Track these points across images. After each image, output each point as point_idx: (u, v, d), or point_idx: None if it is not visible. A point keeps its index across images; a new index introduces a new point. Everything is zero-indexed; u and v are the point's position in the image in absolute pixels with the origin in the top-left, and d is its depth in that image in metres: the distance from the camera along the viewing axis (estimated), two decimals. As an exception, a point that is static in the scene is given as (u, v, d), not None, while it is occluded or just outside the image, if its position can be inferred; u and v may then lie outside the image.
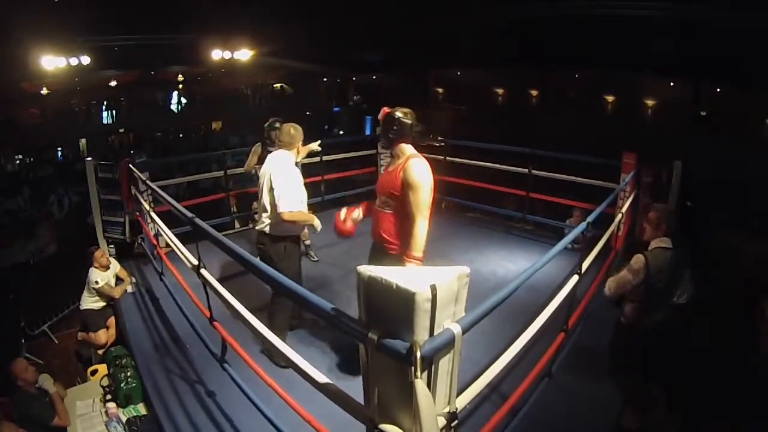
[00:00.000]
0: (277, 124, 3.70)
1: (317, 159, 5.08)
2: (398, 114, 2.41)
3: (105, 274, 4.07)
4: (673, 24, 7.97)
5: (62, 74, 10.48)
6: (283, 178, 2.88)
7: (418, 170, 2.29)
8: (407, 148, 2.42)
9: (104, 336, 4.07)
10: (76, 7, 9.03)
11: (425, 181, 2.29)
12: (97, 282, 3.99)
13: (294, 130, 3.03)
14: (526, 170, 5.07)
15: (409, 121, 2.40)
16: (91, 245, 4.29)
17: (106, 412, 3.04)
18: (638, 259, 2.50)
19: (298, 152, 3.09)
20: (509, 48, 10.59)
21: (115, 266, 4.22)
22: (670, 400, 2.62)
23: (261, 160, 4.00)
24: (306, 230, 4.30)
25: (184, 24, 10.74)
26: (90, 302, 4.09)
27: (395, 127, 2.39)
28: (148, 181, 3.87)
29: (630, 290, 2.53)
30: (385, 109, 2.46)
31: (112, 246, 4.58)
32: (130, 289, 4.12)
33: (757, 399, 2.52)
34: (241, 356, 2.24)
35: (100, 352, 3.99)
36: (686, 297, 2.59)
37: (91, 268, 4.03)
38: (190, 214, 2.45)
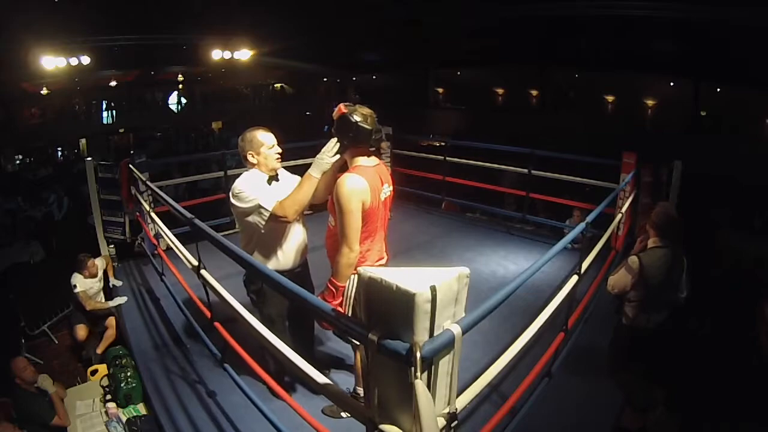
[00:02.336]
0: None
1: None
2: (356, 117, 1.97)
3: (87, 281, 4.08)
4: (673, 24, 7.96)
5: (62, 74, 10.49)
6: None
7: (342, 189, 1.92)
8: (358, 159, 2.05)
9: (83, 331, 4.09)
10: (76, 7, 9.03)
11: (347, 204, 1.91)
12: (75, 286, 4.01)
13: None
14: (526, 170, 5.08)
15: (369, 128, 1.98)
16: (91, 245, 4.29)
17: (106, 412, 3.04)
18: (633, 261, 2.50)
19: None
20: (509, 48, 10.59)
21: (101, 280, 4.19)
22: (670, 400, 2.62)
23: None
24: None
25: (184, 24, 10.73)
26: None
27: (351, 134, 1.98)
28: (148, 182, 3.87)
29: (629, 290, 2.54)
30: (341, 108, 2.02)
31: (112, 246, 4.58)
32: (120, 300, 4.00)
33: (758, 399, 2.52)
34: (243, 357, 2.24)
35: (99, 351, 4.00)
36: (685, 296, 2.60)
37: (74, 273, 4.05)
38: (189, 215, 2.43)
